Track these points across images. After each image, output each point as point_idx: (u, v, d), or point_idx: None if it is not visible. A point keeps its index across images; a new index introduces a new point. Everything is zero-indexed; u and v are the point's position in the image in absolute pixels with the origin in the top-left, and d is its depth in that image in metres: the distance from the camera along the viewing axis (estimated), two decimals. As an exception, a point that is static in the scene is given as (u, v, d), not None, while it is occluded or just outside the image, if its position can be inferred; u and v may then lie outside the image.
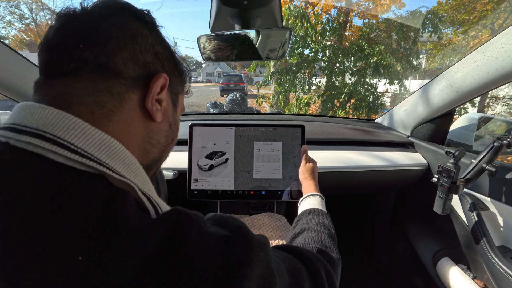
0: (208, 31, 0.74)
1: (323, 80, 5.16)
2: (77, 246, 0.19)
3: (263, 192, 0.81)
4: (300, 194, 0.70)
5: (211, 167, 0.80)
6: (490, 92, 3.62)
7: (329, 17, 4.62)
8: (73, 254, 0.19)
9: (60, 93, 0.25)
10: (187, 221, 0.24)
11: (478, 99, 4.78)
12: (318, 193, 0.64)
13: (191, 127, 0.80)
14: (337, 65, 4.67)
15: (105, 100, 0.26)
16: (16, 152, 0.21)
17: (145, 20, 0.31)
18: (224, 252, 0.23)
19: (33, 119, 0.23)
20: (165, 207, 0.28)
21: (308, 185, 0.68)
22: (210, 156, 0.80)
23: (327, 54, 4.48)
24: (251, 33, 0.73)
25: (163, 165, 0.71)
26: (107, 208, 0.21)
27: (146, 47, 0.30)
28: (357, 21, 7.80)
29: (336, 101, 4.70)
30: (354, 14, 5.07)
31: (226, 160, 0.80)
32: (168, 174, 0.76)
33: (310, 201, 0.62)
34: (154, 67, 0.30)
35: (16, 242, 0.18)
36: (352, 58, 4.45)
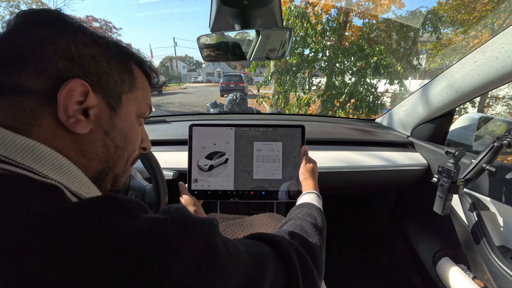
0: (208, 31, 0.74)
1: (323, 80, 5.16)
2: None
3: (263, 193, 0.81)
4: (299, 193, 0.70)
5: (211, 167, 0.80)
6: (490, 92, 3.62)
7: (329, 17, 4.62)
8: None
9: None
10: (116, 206, 0.23)
11: (478, 99, 4.78)
12: (315, 191, 0.64)
13: (190, 127, 0.80)
14: (337, 65, 4.67)
15: (17, 115, 0.26)
16: None
17: (50, 24, 0.28)
18: (153, 230, 0.22)
19: None
20: None
21: (307, 185, 0.68)
22: (210, 156, 0.80)
23: (327, 54, 4.49)
24: (251, 33, 0.73)
25: (163, 165, 0.71)
26: (17, 203, 0.20)
27: (56, 53, 0.27)
28: (357, 21, 7.81)
29: (336, 101, 4.70)
30: (354, 14, 5.08)
31: (226, 160, 0.80)
32: (168, 174, 0.76)
33: (306, 197, 0.62)
34: (68, 73, 0.28)
35: None
36: (352, 58, 4.45)
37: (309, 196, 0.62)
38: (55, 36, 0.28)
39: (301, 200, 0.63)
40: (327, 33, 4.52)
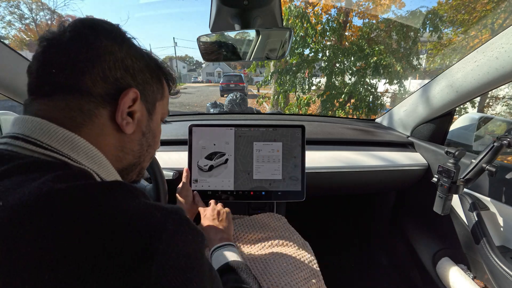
0: (208, 31, 0.74)
1: (323, 80, 5.16)
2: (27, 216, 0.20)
3: (263, 193, 0.81)
4: (299, 194, 0.70)
5: (211, 168, 0.80)
6: (490, 92, 3.62)
7: (329, 17, 4.62)
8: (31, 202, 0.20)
9: (38, 110, 0.30)
10: (123, 188, 0.25)
11: (478, 99, 4.78)
12: (229, 243, 0.57)
13: (190, 127, 0.80)
14: (337, 65, 4.67)
15: (75, 116, 0.30)
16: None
17: (113, 36, 0.32)
18: (153, 215, 0.23)
19: (14, 127, 0.28)
20: None
21: (215, 232, 0.61)
22: (210, 157, 0.80)
23: (327, 54, 4.49)
24: (251, 33, 0.73)
25: (163, 165, 0.71)
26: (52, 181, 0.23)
27: (115, 64, 0.32)
28: (357, 21, 7.81)
29: (336, 101, 4.70)
30: (354, 14, 5.08)
31: (226, 160, 0.80)
32: (168, 174, 0.76)
33: (224, 254, 0.54)
34: (124, 82, 0.32)
35: None
36: (352, 58, 4.45)
37: (228, 254, 0.53)
38: (115, 48, 0.32)
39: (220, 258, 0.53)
40: (327, 33, 4.53)
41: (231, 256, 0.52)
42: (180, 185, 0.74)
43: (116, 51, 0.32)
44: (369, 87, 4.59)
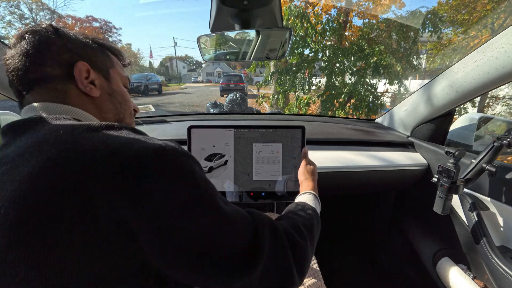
0: (208, 31, 0.74)
1: (323, 80, 5.16)
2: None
3: (263, 194, 0.81)
4: (297, 193, 0.70)
5: (211, 169, 0.80)
6: (490, 92, 3.62)
7: (329, 17, 4.62)
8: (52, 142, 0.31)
9: (34, 100, 0.40)
10: (129, 127, 0.36)
11: (478, 99, 4.78)
12: (313, 192, 0.64)
13: (189, 129, 0.79)
14: (337, 65, 4.66)
15: (57, 95, 0.40)
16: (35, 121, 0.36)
17: (49, 32, 0.41)
18: (150, 142, 0.32)
19: (34, 110, 0.39)
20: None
21: (306, 185, 0.68)
22: (209, 158, 0.80)
23: (327, 54, 4.48)
24: (251, 33, 0.73)
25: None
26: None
27: (60, 49, 0.41)
28: (357, 21, 7.81)
29: (336, 101, 4.70)
30: (354, 14, 5.07)
31: (226, 162, 0.80)
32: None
33: (302, 197, 0.63)
34: (73, 59, 0.41)
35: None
36: (352, 58, 4.45)
37: (305, 196, 0.63)
38: (53, 40, 0.41)
39: (297, 199, 0.63)
40: (327, 33, 4.52)
41: (309, 200, 0.61)
42: None
43: (55, 41, 0.41)
44: (369, 87, 4.58)
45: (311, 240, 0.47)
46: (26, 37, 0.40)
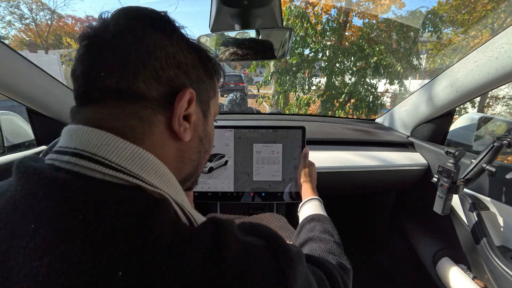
0: (208, 31, 0.74)
1: (323, 80, 5.16)
2: (117, 260, 0.19)
3: (263, 194, 0.81)
4: (298, 195, 0.70)
5: (211, 170, 0.80)
6: (490, 92, 3.62)
7: (329, 17, 4.62)
8: (113, 268, 0.19)
9: (92, 118, 0.26)
10: (226, 231, 0.24)
11: (478, 99, 4.78)
12: (316, 197, 0.64)
13: None
14: (337, 65, 4.67)
15: (134, 125, 0.26)
16: (57, 171, 0.23)
17: (162, 27, 0.27)
18: (268, 264, 0.23)
19: (72, 140, 0.24)
20: (199, 217, 0.28)
21: (305, 188, 0.68)
22: (209, 159, 0.80)
23: (327, 54, 4.48)
24: (251, 33, 0.72)
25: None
26: (143, 221, 0.21)
27: (168, 61, 0.27)
28: (357, 21, 7.80)
29: (336, 101, 4.70)
30: (354, 14, 5.07)
31: (226, 162, 0.80)
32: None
33: (310, 206, 0.61)
34: (178, 81, 0.28)
35: (56, 254, 0.19)
36: (352, 58, 4.45)
37: (313, 204, 0.62)
38: (165, 42, 0.27)
39: (306, 209, 0.62)
40: (327, 33, 4.52)
41: (319, 208, 0.60)
42: None
43: (167, 45, 0.27)
44: (369, 87, 4.59)
45: (345, 257, 0.48)
46: (131, 23, 0.26)
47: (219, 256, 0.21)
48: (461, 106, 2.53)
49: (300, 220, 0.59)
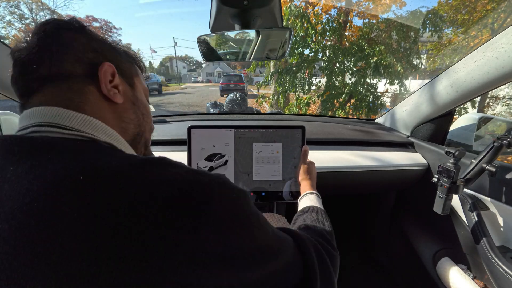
0: (208, 31, 0.74)
1: (323, 80, 5.16)
2: (77, 193, 0.23)
3: (263, 193, 0.81)
4: (298, 194, 0.71)
5: (211, 169, 0.80)
6: (490, 92, 3.62)
7: (329, 17, 4.62)
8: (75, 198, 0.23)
9: (39, 102, 0.32)
10: (167, 161, 0.29)
11: (478, 99, 4.78)
12: (313, 191, 0.66)
13: (189, 129, 0.79)
14: (337, 65, 4.66)
15: (71, 97, 0.33)
16: (23, 138, 0.28)
17: (74, 28, 0.36)
18: (199, 180, 0.27)
19: (30, 119, 0.31)
20: None
21: (304, 185, 0.70)
22: (209, 158, 0.80)
23: (327, 54, 4.48)
24: (251, 33, 0.72)
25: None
26: (99, 156, 0.27)
27: (83, 47, 0.35)
28: (357, 21, 7.81)
29: (336, 101, 4.70)
30: (354, 14, 5.07)
31: (226, 162, 0.80)
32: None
33: (306, 199, 0.64)
34: (97, 60, 0.36)
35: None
36: (352, 58, 4.45)
37: (309, 198, 0.64)
38: (78, 36, 0.36)
39: (302, 202, 0.63)
40: (327, 33, 4.52)
41: (315, 201, 0.62)
42: None
43: (79, 37, 0.36)
44: (369, 87, 4.58)
45: (336, 249, 0.48)
46: (47, 29, 0.34)
47: (161, 177, 0.26)
48: (461, 106, 2.53)
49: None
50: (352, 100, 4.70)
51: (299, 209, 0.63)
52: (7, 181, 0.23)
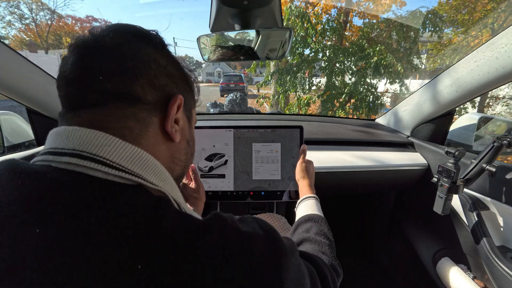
0: (208, 31, 0.74)
1: (323, 80, 5.16)
2: (134, 255, 0.20)
3: (263, 193, 0.81)
4: (297, 194, 0.70)
5: (211, 169, 0.80)
6: (490, 92, 3.61)
7: (329, 17, 4.62)
8: (132, 263, 0.20)
9: (89, 120, 0.27)
10: (228, 223, 0.27)
11: (478, 99, 4.77)
12: (312, 195, 0.64)
13: None
14: (337, 65, 4.66)
15: (132, 126, 0.28)
16: (58, 172, 0.23)
17: (155, 43, 0.31)
18: (266, 252, 0.26)
19: (69, 141, 0.25)
20: (193, 213, 0.30)
21: (302, 186, 0.68)
22: (209, 158, 0.80)
23: (327, 54, 4.48)
24: (251, 33, 0.73)
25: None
26: (154, 215, 0.23)
27: (160, 71, 0.30)
28: (357, 21, 7.81)
29: (336, 101, 4.70)
30: (354, 14, 5.07)
31: (226, 161, 0.80)
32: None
33: (306, 205, 0.62)
34: (169, 89, 0.32)
35: (71, 256, 0.20)
36: (352, 58, 4.45)
37: (309, 203, 0.62)
38: (158, 55, 0.31)
39: (302, 208, 0.62)
40: (327, 33, 4.52)
41: (315, 208, 0.60)
42: (193, 180, 0.72)
43: (159, 58, 0.31)
44: (370, 87, 4.58)
45: (337, 261, 0.49)
46: (124, 36, 0.29)
47: (224, 247, 0.24)
48: (461, 106, 2.53)
49: (297, 218, 0.59)
50: (352, 100, 4.70)
51: (297, 213, 0.62)
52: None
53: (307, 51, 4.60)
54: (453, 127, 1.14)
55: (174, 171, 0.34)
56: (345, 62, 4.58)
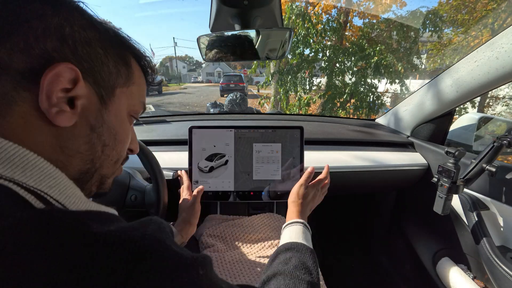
0: (208, 31, 0.74)
1: (323, 80, 5.17)
2: None
3: (263, 193, 0.81)
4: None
5: (212, 169, 0.80)
6: (490, 92, 3.61)
7: (329, 17, 4.63)
8: None
9: None
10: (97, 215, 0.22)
11: (478, 99, 4.78)
12: (300, 220, 0.54)
13: (190, 129, 0.80)
14: (337, 65, 4.67)
15: None
16: None
17: None
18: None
19: None
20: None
21: (291, 211, 0.58)
22: (210, 158, 0.80)
23: (327, 54, 4.49)
24: (251, 33, 0.73)
25: (163, 165, 0.71)
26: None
27: (45, 31, 0.23)
28: (358, 21, 7.81)
29: (336, 101, 4.71)
30: (354, 14, 5.08)
31: (226, 162, 0.80)
32: (168, 174, 0.76)
33: (290, 231, 0.51)
34: (58, 55, 0.24)
35: None
36: (353, 58, 4.45)
37: (295, 230, 0.51)
38: (48, 12, 0.24)
39: (286, 234, 0.52)
40: (327, 33, 4.53)
41: (300, 236, 0.50)
42: (185, 185, 0.73)
43: (49, 14, 0.24)
44: (370, 87, 4.59)
45: None
46: None
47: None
48: (461, 106, 2.54)
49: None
50: (353, 100, 4.71)
51: (281, 239, 0.52)
52: None
53: (307, 51, 4.61)
54: (453, 127, 1.14)
55: (70, 166, 0.26)
56: (345, 62, 4.59)
